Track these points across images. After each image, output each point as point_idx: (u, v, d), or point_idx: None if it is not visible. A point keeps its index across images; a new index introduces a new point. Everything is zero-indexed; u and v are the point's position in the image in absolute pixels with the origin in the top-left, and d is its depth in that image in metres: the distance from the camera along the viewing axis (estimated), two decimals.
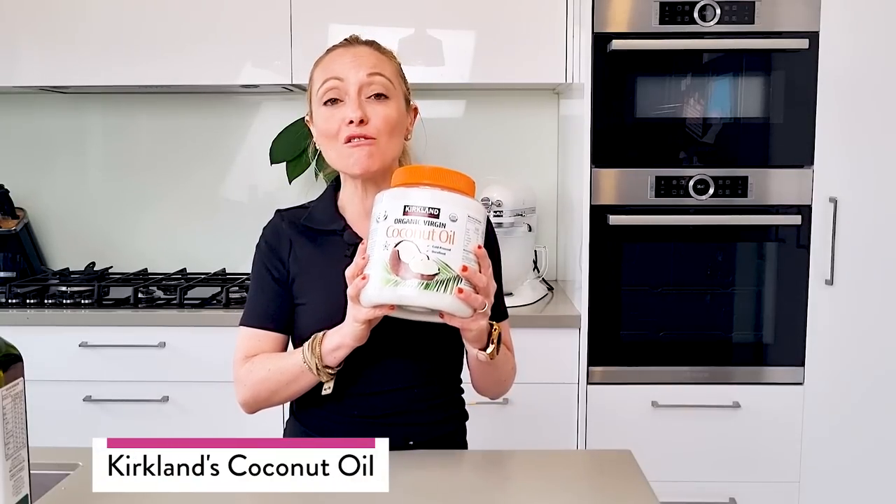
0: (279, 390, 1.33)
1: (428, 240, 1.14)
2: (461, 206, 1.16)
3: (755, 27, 2.20)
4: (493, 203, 2.38)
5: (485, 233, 1.21)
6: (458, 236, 1.15)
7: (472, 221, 1.17)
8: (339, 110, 1.32)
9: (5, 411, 0.99)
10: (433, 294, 1.14)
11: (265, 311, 1.37)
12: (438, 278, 1.13)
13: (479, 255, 1.18)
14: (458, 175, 1.19)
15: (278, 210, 1.44)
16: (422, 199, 1.16)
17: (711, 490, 2.29)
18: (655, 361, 2.30)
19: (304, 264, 1.37)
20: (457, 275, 1.14)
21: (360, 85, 1.32)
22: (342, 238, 1.37)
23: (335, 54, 1.37)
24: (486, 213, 1.22)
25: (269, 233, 1.41)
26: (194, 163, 2.86)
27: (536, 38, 2.43)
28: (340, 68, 1.33)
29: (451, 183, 1.18)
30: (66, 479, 1.21)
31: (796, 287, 2.26)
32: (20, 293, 2.42)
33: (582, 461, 1.36)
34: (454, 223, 1.15)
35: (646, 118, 2.25)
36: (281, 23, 2.44)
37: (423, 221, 1.15)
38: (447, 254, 1.14)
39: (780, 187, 2.25)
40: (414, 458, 1.28)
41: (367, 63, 1.34)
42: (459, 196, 1.17)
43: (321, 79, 1.34)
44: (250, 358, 1.36)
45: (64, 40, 2.46)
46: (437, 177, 1.18)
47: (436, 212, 1.15)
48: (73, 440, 2.27)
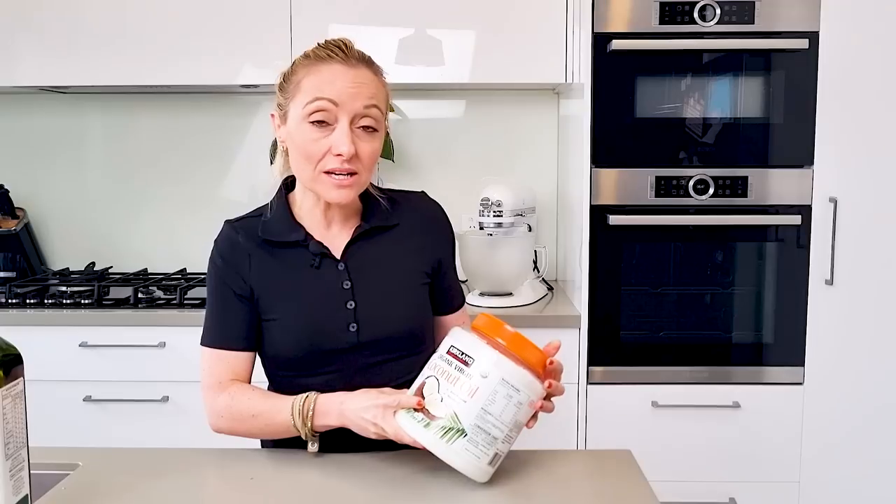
0: (260, 436, 1.32)
1: (449, 384, 1.13)
2: (500, 369, 1.12)
3: (755, 27, 2.20)
4: (493, 203, 2.38)
5: (524, 403, 1.14)
6: (481, 394, 1.11)
7: (506, 387, 1.12)
8: (327, 136, 1.26)
9: (5, 411, 0.99)
10: (428, 434, 1.13)
11: (230, 330, 1.32)
12: (441, 423, 1.12)
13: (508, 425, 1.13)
14: (523, 342, 1.14)
15: (227, 221, 1.37)
16: (464, 346, 1.15)
17: (711, 490, 2.29)
18: (655, 361, 2.30)
19: (267, 278, 1.32)
20: (462, 428, 1.11)
21: (354, 115, 1.26)
22: (307, 249, 1.33)
23: (333, 71, 1.27)
24: (538, 392, 1.15)
25: (225, 247, 1.34)
26: (194, 163, 2.86)
27: (536, 38, 2.43)
28: (337, 91, 1.25)
29: (507, 343, 1.14)
30: (66, 479, 1.21)
31: (796, 287, 2.26)
32: (20, 293, 2.42)
33: (582, 461, 1.36)
34: (483, 379, 1.12)
35: (646, 118, 2.25)
36: (281, 23, 2.44)
37: (454, 366, 1.14)
38: (461, 405, 1.12)
39: (780, 187, 2.25)
40: (411, 456, 1.27)
41: (366, 93, 1.27)
42: (506, 360, 1.13)
43: (312, 94, 1.26)
44: (225, 385, 1.31)
45: (64, 40, 2.46)
46: (493, 331, 1.15)
47: (469, 360, 1.13)
48: (73, 440, 2.30)
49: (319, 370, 1.30)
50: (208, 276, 1.36)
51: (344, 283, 1.33)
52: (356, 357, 1.30)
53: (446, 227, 1.45)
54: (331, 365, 1.29)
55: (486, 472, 1.15)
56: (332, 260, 1.34)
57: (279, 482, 1.21)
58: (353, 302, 1.32)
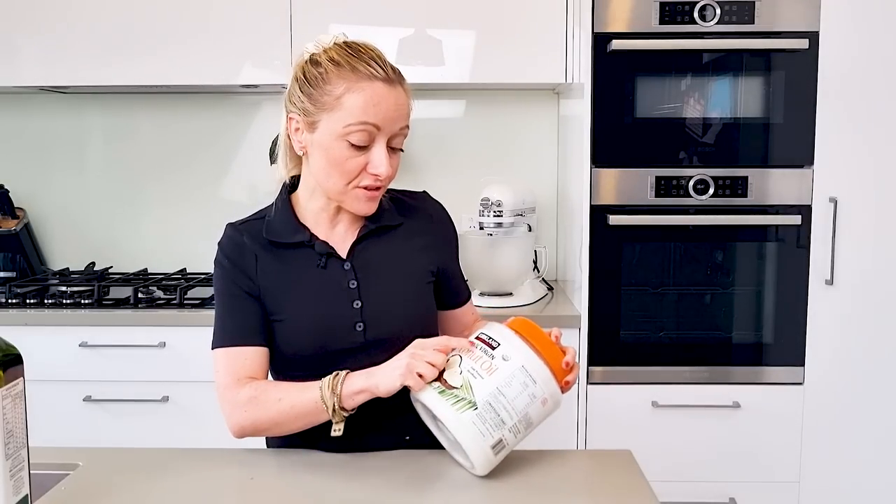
0: (285, 423, 1.25)
1: (471, 360, 1.17)
2: (522, 357, 1.17)
3: (755, 27, 2.20)
4: (493, 203, 2.38)
5: (537, 397, 1.18)
6: (500, 374, 1.16)
7: (524, 374, 1.16)
8: (364, 154, 1.26)
9: (5, 411, 0.99)
10: (440, 401, 1.15)
11: (243, 327, 1.31)
12: (456, 392, 1.15)
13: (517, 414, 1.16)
14: (548, 343, 1.21)
15: (230, 224, 1.38)
16: (493, 333, 1.21)
17: (711, 490, 2.29)
18: (655, 361, 2.30)
19: (273, 278, 1.32)
20: (473, 401, 1.14)
21: (392, 136, 1.28)
22: (313, 249, 1.33)
23: (377, 92, 1.24)
24: (554, 393, 1.19)
25: (230, 249, 1.34)
26: (194, 163, 2.86)
27: (536, 38, 2.43)
28: (382, 116, 1.25)
29: (533, 339, 1.19)
30: (66, 479, 1.21)
31: (796, 287, 2.26)
32: (20, 293, 2.42)
33: (582, 461, 1.36)
34: (504, 362, 1.16)
35: (646, 118, 2.25)
36: (281, 23, 2.44)
37: (479, 347, 1.19)
38: (478, 379, 1.15)
39: (780, 187, 2.25)
40: (411, 457, 1.28)
41: (404, 114, 1.29)
42: (530, 350, 1.18)
43: (358, 116, 1.23)
44: (243, 381, 1.29)
45: (64, 40, 2.46)
46: (523, 328, 1.21)
47: (494, 344, 1.18)
48: (73, 440, 2.30)
49: (327, 370, 1.29)
50: (215, 279, 1.35)
51: (350, 282, 1.33)
52: (363, 356, 1.30)
53: (449, 225, 1.47)
54: (338, 364, 1.28)
55: (487, 455, 1.16)
56: (337, 260, 1.34)
57: (279, 482, 1.21)
58: (359, 301, 1.32)
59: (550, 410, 1.20)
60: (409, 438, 1.34)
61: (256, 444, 1.40)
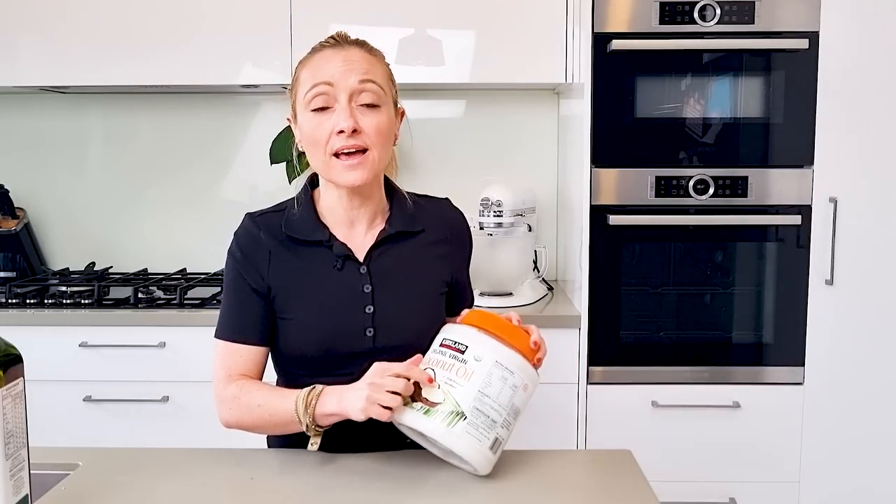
0: (265, 428, 1.29)
1: (445, 371, 1.16)
2: (493, 352, 1.17)
3: (755, 27, 2.20)
4: (493, 203, 2.38)
5: (518, 386, 1.18)
6: (477, 376, 1.15)
7: (500, 369, 1.16)
8: (328, 118, 1.26)
9: (5, 411, 0.99)
10: (428, 421, 1.14)
11: (244, 324, 1.32)
12: (441, 408, 1.14)
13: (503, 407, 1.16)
14: (511, 328, 1.20)
15: (249, 214, 1.37)
16: (457, 336, 1.20)
17: (711, 490, 2.29)
18: (655, 361, 2.30)
19: (287, 277, 1.31)
20: (461, 411, 1.13)
21: (351, 92, 1.26)
22: (330, 250, 1.33)
23: (324, 56, 1.29)
24: (532, 376, 1.20)
25: (245, 240, 1.34)
26: (194, 163, 2.86)
27: (536, 38, 2.43)
28: (330, 72, 1.26)
29: (497, 331, 1.19)
30: (66, 479, 1.21)
31: (796, 287, 2.26)
32: (20, 293, 2.42)
33: (582, 461, 1.36)
34: (476, 363, 1.16)
35: (646, 118, 2.25)
36: (281, 22, 2.44)
37: (448, 354, 1.18)
38: (458, 388, 1.15)
39: (780, 187, 2.25)
40: (411, 457, 1.28)
41: (359, 68, 1.27)
42: (498, 343, 1.18)
43: (309, 82, 1.28)
44: (234, 378, 1.31)
45: (64, 40, 2.46)
46: (484, 322, 1.20)
47: (462, 348, 1.17)
48: (73, 440, 2.30)
49: (332, 372, 1.29)
50: (226, 268, 1.36)
51: (364, 286, 1.32)
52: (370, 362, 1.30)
53: (468, 236, 1.47)
54: (344, 368, 1.28)
55: (487, 458, 1.16)
56: (354, 262, 1.33)
57: (279, 482, 1.21)
58: (371, 306, 1.32)
59: (532, 392, 1.21)
60: (409, 441, 1.34)
61: (256, 444, 1.40)
